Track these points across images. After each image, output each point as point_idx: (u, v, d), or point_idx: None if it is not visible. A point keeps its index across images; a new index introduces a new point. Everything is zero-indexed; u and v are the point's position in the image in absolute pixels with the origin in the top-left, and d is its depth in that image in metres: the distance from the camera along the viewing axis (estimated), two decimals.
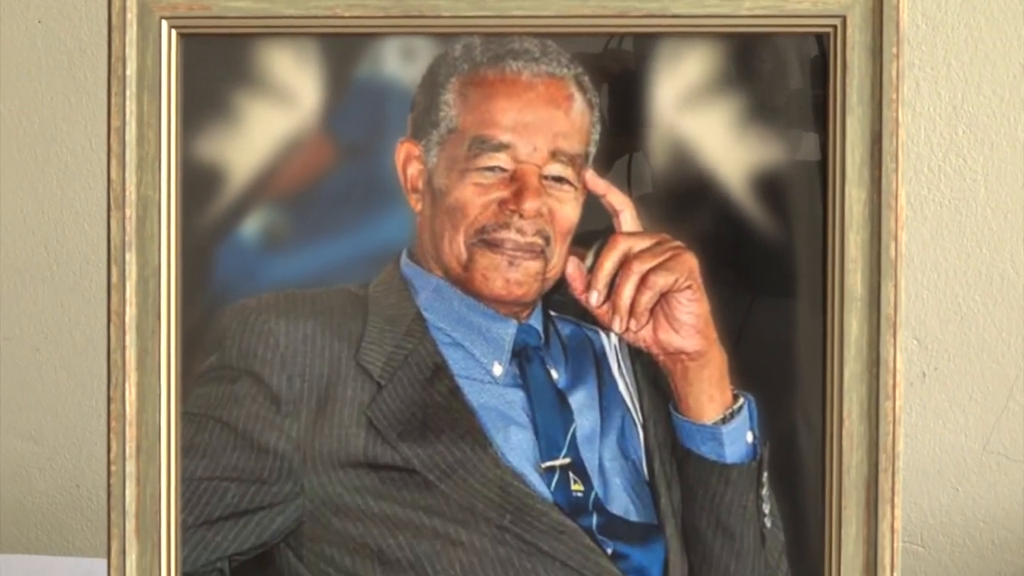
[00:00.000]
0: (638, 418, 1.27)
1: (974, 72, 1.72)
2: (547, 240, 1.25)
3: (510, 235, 1.25)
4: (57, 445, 1.84)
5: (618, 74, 1.25)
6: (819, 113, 1.24)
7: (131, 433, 1.27)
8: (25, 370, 1.86)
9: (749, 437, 1.26)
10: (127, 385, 1.27)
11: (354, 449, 1.27)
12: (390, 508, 1.27)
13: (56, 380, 1.84)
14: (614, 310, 1.25)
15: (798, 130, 1.25)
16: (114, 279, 1.27)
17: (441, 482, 1.27)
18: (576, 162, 1.25)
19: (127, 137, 1.27)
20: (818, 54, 1.25)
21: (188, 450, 1.28)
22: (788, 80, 1.25)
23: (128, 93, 1.26)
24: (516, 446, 1.27)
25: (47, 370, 1.83)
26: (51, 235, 1.80)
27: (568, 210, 1.25)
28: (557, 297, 1.27)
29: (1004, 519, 1.80)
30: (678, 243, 1.25)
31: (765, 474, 1.26)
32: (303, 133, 1.27)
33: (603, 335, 1.27)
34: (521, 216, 1.25)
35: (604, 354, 1.27)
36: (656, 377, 1.27)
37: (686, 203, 1.26)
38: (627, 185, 1.26)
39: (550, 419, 1.27)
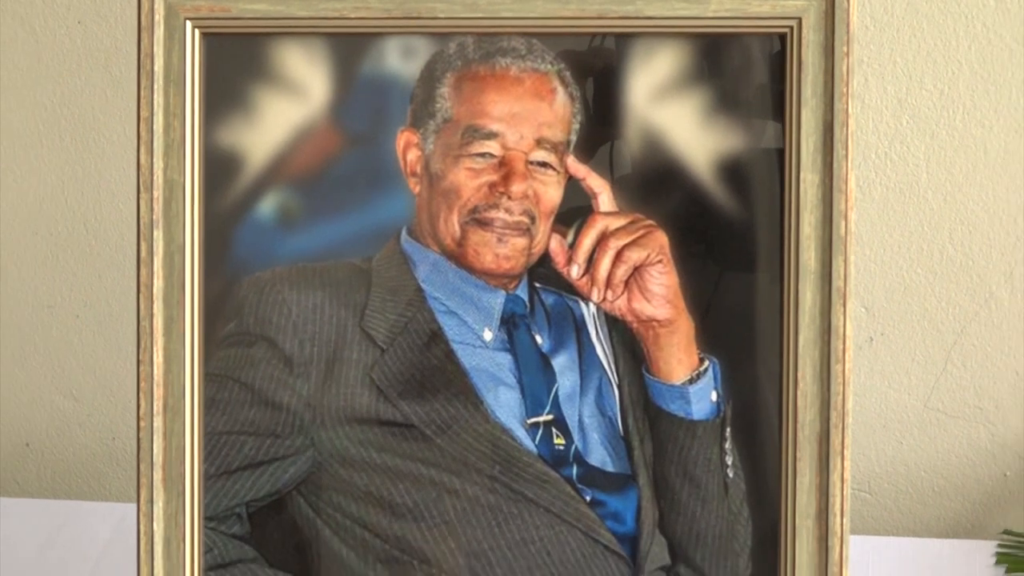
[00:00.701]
0: (614, 379, 1.27)
1: (916, 68, 1.72)
2: (532, 219, 1.25)
3: (499, 215, 1.25)
4: (95, 402, 1.84)
5: (601, 70, 1.25)
6: (778, 105, 1.24)
7: (159, 392, 1.27)
8: (66, 335, 1.85)
9: (713, 396, 1.26)
10: (155, 349, 1.27)
11: (359, 407, 1.27)
12: (392, 460, 1.27)
13: (94, 344, 1.83)
14: (592, 282, 1.25)
15: (759, 120, 1.25)
16: (143, 254, 1.27)
17: (437, 436, 1.26)
18: (558, 149, 1.25)
19: (155, 126, 1.26)
20: (778, 51, 1.24)
21: (209, 407, 1.27)
22: (750, 75, 1.25)
23: (156, 87, 1.26)
24: (504, 404, 1.27)
25: (86, 335, 1.82)
26: (89, 214, 1.79)
27: (551, 192, 1.25)
28: (541, 270, 1.26)
29: (943, 469, 1.80)
30: (650, 222, 1.25)
31: (728, 429, 1.26)
32: (313, 123, 1.27)
33: (583, 304, 1.27)
34: (509, 198, 1.25)
35: (583, 321, 1.27)
36: (630, 342, 1.27)
37: (657, 186, 1.26)
38: (608, 170, 1.25)
39: (535, 380, 1.27)
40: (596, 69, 1.25)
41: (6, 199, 1.85)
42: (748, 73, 1.25)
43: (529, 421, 1.27)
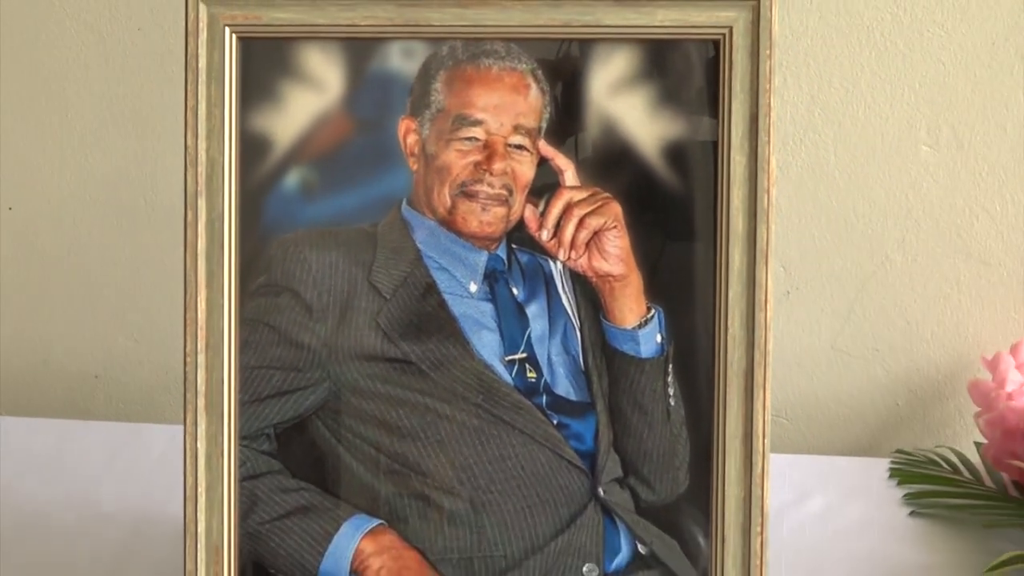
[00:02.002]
0: (576, 324, 1.27)
1: (826, 70, 1.71)
2: (510, 192, 1.25)
3: (483, 188, 1.24)
4: (151, 342, 1.83)
5: (568, 72, 1.24)
6: (713, 104, 1.23)
7: (201, 334, 1.26)
8: (128, 286, 1.84)
9: (658, 338, 1.26)
10: (199, 299, 1.26)
11: (367, 346, 1.26)
12: (394, 390, 1.26)
13: (151, 295, 1.82)
14: (559, 244, 1.24)
15: (698, 116, 1.24)
16: (189, 219, 1.26)
17: (432, 371, 1.26)
18: (532, 134, 1.24)
19: (199, 114, 1.25)
20: (713, 56, 1.23)
21: (244, 347, 1.27)
22: (691, 76, 1.25)
23: (200, 81, 1.25)
24: (487, 344, 1.26)
25: (144, 288, 1.81)
26: (147, 188, 1.79)
27: (526, 170, 1.25)
28: (517, 234, 1.26)
29: (846, 400, 1.80)
30: (607, 194, 1.25)
31: (670, 366, 1.26)
32: (329, 111, 1.26)
33: (551, 262, 1.26)
34: (491, 174, 1.24)
35: (552, 276, 1.27)
36: (590, 294, 1.26)
37: (613, 165, 1.25)
38: (573, 152, 1.25)
39: (512, 324, 1.27)
40: (564, 72, 1.25)
41: (80, 176, 1.84)
42: (688, 73, 1.25)
43: (507, 358, 1.26)
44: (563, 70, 1.25)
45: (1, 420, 1.78)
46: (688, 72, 1.25)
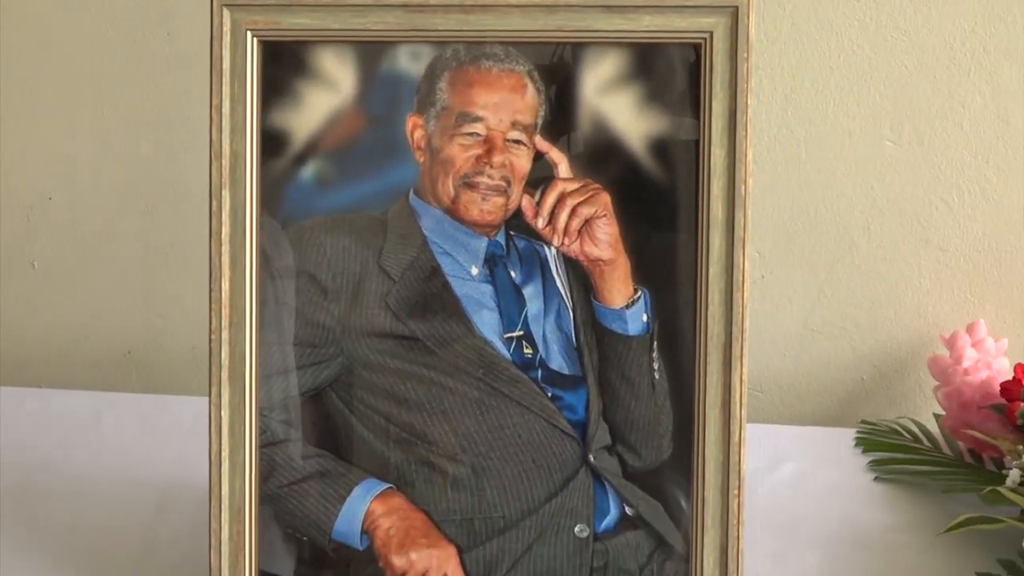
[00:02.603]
0: (569, 304, 1.27)
1: (799, 71, 1.71)
2: (508, 183, 1.24)
3: (483, 179, 1.24)
4: (179, 320, 1.83)
5: (562, 74, 1.24)
6: (694, 105, 1.23)
7: (226, 312, 1.26)
8: (159, 272, 1.84)
9: (644, 317, 1.25)
10: (223, 280, 1.26)
11: (377, 324, 1.26)
12: (402, 365, 1.26)
13: (179, 278, 1.82)
14: (553, 231, 1.24)
15: (680, 116, 1.24)
16: (214, 208, 1.26)
17: (437, 348, 1.26)
18: (528, 130, 1.24)
19: (223, 111, 1.25)
20: (694, 60, 1.23)
21: (264, 324, 1.26)
22: (674, 77, 1.24)
23: (224, 81, 1.25)
24: (487, 323, 1.26)
25: (173, 269, 1.81)
26: (177, 179, 1.79)
27: (523, 162, 1.24)
28: (515, 221, 1.25)
29: (816, 374, 1.80)
30: (597, 185, 1.24)
31: (655, 343, 1.25)
32: (343, 108, 1.26)
33: (546, 248, 1.26)
34: (491, 167, 1.24)
35: (547, 261, 1.26)
36: (582, 277, 1.26)
37: (603, 159, 1.25)
38: (567, 148, 1.25)
39: (510, 304, 1.26)
40: (558, 75, 1.24)
41: (114, 169, 1.84)
42: (672, 75, 1.24)
43: (505, 336, 1.26)
44: (557, 73, 1.25)
45: (44, 392, 1.78)
46: (671, 74, 1.24)
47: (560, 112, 1.25)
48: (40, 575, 1.38)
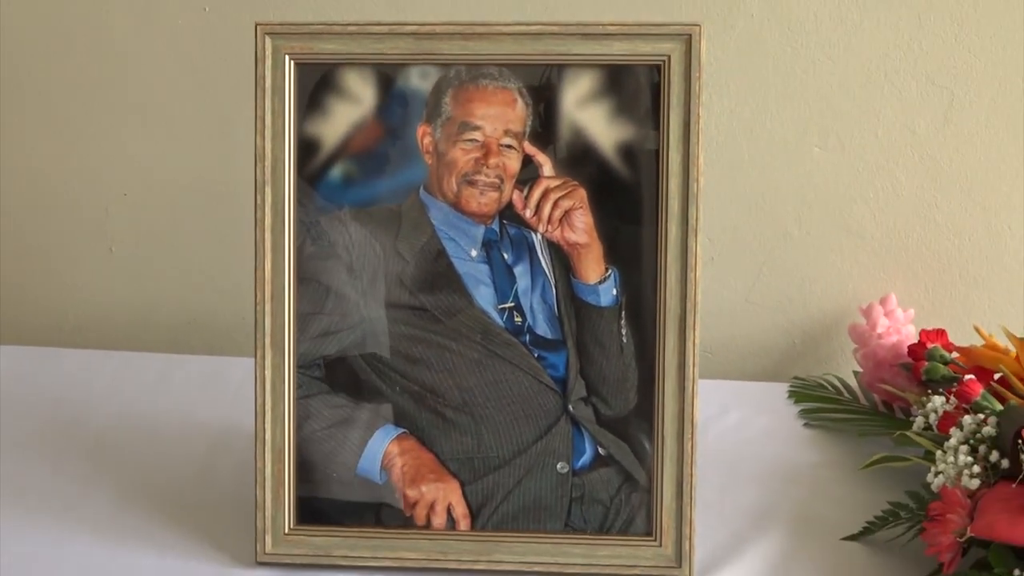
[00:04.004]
0: (552, 281, 1.26)
1: (742, 89, 1.71)
2: (502, 180, 1.24)
3: (481, 178, 1.24)
4: (232, 294, 1.83)
5: (548, 93, 1.24)
6: (655, 120, 1.23)
7: (268, 288, 1.25)
8: (214, 255, 1.84)
9: (614, 292, 1.25)
10: (266, 261, 1.25)
11: (394, 297, 1.25)
12: (414, 331, 1.25)
13: (230, 260, 1.82)
14: (539, 220, 1.24)
15: (645, 128, 1.23)
16: (258, 202, 1.25)
17: (443, 317, 1.25)
18: (518, 137, 1.23)
19: (266, 121, 1.24)
20: (656, 81, 1.22)
21: (300, 297, 1.26)
22: (639, 95, 1.23)
23: (266, 96, 1.24)
24: (484, 296, 1.25)
25: (225, 254, 1.80)
26: (228, 178, 1.78)
27: (514, 163, 1.24)
28: (507, 212, 1.25)
29: (756, 339, 1.79)
30: (575, 183, 1.24)
31: (623, 312, 1.25)
32: (365, 119, 1.25)
33: (533, 234, 1.25)
34: (487, 167, 1.23)
35: (533, 245, 1.26)
36: (562, 258, 1.25)
37: (580, 161, 1.24)
38: (552, 153, 1.24)
39: (503, 281, 1.26)
40: (545, 94, 1.23)
41: (178, 170, 1.84)
42: (638, 92, 1.23)
43: (499, 307, 1.26)
44: (545, 92, 1.24)
45: (120, 354, 1.78)
46: (637, 91, 1.24)
47: (546, 123, 1.24)
48: (117, 505, 1.38)
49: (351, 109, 1.25)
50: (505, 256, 1.26)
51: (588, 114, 1.24)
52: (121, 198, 1.85)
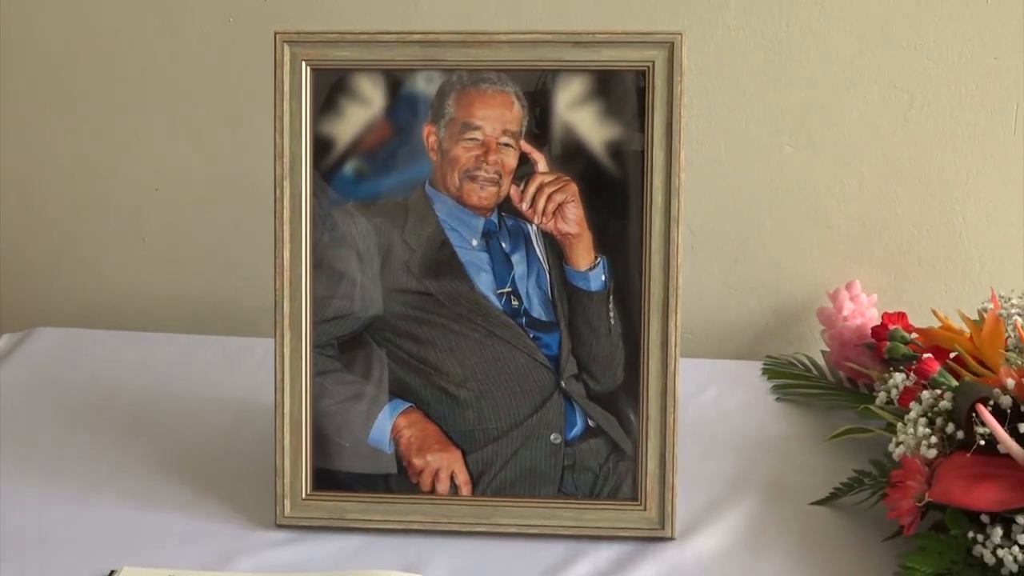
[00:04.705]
0: (546, 267, 1.25)
1: (720, 92, 1.71)
2: (500, 176, 1.23)
3: (481, 173, 1.23)
4: (253, 282, 1.82)
5: (543, 97, 1.23)
6: (640, 123, 1.22)
7: (287, 275, 1.25)
8: (238, 244, 1.83)
9: (603, 278, 1.24)
10: (285, 250, 1.25)
11: (401, 283, 1.25)
12: (419, 313, 1.25)
13: (253, 248, 1.80)
14: (534, 212, 1.24)
15: (632, 130, 1.23)
16: (277, 196, 1.25)
17: (446, 301, 1.25)
18: (515, 136, 1.23)
19: (284, 121, 1.24)
20: (642, 86, 1.22)
21: (316, 283, 1.25)
22: (626, 98, 1.23)
23: (285, 99, 1.24)
24: (484, 282, 1.25)
25: (248, 243, 1.78)
26: (250, 174, 1.77)
27: (511, 160, 1.23)
28: (505, 205, 1.25)
29: (733, 321, 1.79)
30: (568, 178, 1.23)
31: (611, 297, 1.25)
32: (375, 120, 1.24)
33: (528, 225, 1.25)
34: (487, 164, 1.23)
35: (529, 235, 1.25)
36: (556, 247, 1.25)
37: (572, 158, 1.24)
38: (547, 151, 1.23)
39: (501, 268, 1.25)
40: (541, 98, 1.23)
41: (205, 166, 1.83)
42: (625, 95, 1.22)
43: (498, 291, 1.25)
44: (539, 96, 1.23)
45: (151, 335, 1.77)
46: (624, 94, 1.23)
47: (541, 123, 1.24)
48: (147, 473, 1.38)
49: (362, 111, 1.24)
50: (503, 245, 1.25)
51: (579, 115, 1.23)
52: (153, 193, 1.84)
